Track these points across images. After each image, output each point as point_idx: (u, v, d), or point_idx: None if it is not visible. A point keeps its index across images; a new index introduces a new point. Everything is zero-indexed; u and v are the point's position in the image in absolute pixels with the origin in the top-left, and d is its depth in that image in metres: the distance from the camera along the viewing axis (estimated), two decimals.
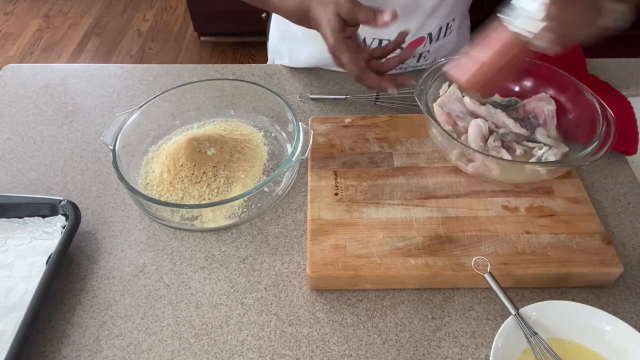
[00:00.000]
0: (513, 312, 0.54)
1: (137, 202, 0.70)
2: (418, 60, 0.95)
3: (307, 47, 0.95)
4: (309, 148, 0.70)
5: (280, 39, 1.01)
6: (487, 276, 0.57)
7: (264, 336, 0.59)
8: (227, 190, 0.72)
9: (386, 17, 0.64)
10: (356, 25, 0.69)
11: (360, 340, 0.59)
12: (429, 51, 0.93)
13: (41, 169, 0.81)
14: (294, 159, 0.68)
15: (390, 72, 0.74)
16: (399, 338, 0.59)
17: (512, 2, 0.54)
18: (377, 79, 0.70)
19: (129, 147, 0.76)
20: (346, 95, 0.90)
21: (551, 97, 0.74)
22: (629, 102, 0.78)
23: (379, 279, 0.61)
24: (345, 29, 0.68)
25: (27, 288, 0.62)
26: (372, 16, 0.65)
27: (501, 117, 0.72)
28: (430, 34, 0.90)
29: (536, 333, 0.53)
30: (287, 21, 0.83)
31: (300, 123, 0.72)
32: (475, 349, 0.58)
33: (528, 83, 0.77)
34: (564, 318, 0.54)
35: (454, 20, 0.93)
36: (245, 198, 0.70)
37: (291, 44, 0.98)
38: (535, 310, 0.54)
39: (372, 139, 0.78)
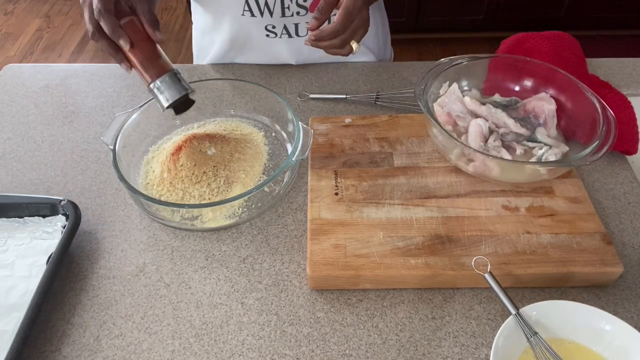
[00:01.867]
0: (513, 311, 0.54)
1: (138, 202, 0.70)
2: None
3: (219, 34, 0.97)
4: (309, 148, 0.70)
5: (202, 33, 1.02)
6: (487, 276, 0.57)
7: (264, 336, 0.59)
8: (228, 190, 0.72)
9: (158, 35, 0.64)
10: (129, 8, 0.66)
11: (361, 340, 0.59)
12: None
13: (41, 168, 0.81)
14: (294, 158, 0.68)
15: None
16: (399, 338, 0.59)
17: None
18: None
19: (129, 147, 0.76)
20: (346, 95, 0.90)
21: (551, 96, 0.74)
22: (629, 102, 0.78)
23: (379, 279, 0.61)
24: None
25: (28, 288, 0.62)
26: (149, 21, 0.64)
27: (501, 116, 0.72)
28: None
29: (536, 333, 0.53)
30: (206, 13, 0.93)
31: (300, 123, 0.72)
32: (476, 348, 0.58)
33: (528, 83, 0.77)
34: (564, 318, 0.54)
35: None
36: (246, 198, 0.70)
37: (212, 35, 0.99)
38: (536, 310, 0.54)
39: (372, 138, 0.78)
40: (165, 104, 0.65)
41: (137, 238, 0.70)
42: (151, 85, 0.65)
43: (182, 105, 0.68)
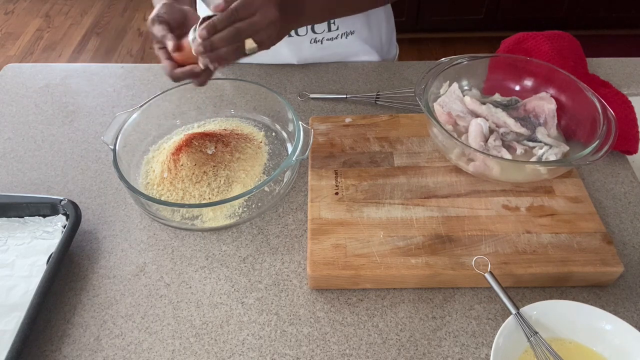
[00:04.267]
0: (513, 311, 0.54)
1: (138, 201, 0.70)
2: (330, 30, 0.96)
3: None
4: (309, 147, 0.70)
5: None
6: (487, 275, 0.57)
7: (264, 335, 0.59)
8: (228, 190, 0.72)
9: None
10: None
11: (361, 339, 0.59)
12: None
13: (42, 168, 0.81)
14: (294, 158, 0.68)
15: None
16: (400, 337, 0.59)
17: None
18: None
19: (130, 147, 0.76)
20: (347, 94, 0.90)
21: (552, 96, 0.74)
22: (629, 102, 0.78)
23: (379, 279, 0.61)
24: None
25: (28, 287, 0.62)
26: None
27: (502, 116, 0.72)
28: None
29: (537, 332, 0.53)
30: (209, 12, 0.93)
31: (300, 122, 0.72)
32: (476, 348, 0.58)
33: (529, 82, 0.77)
34: (564, 317, 0.54)
35: None
36: (246, 197, 0.70)
37: None
38: (536, 310, 0.54)
39: (372, 138, 0.78)
40: None
41: (138, 238, 0.70)
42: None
43: None
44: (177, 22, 0.72)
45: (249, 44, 0.65)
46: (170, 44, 0.68)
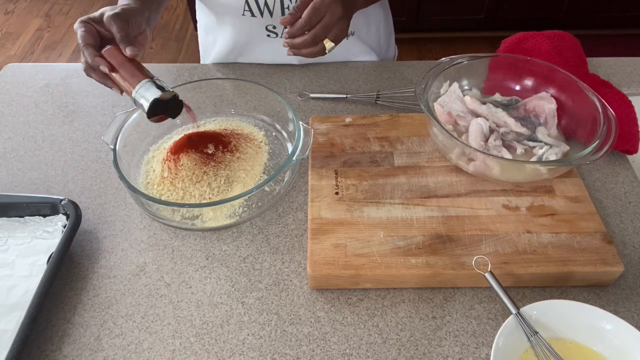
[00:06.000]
0: (514, 311, 0.54)
1: (138, 201, 0.70)
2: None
3: (221, 34, 0.98)
4: (309, 147, 0.70)
5: (206, 32, 1.03)
6: (487, 275, 0.57)
7: (264, 335, 0.59)
8: (228, 190, 0.72)
9: (128, 51, 0.67)
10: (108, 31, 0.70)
11: (361, 339, 0.59)
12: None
13: (42, 168, 0.81)
14: (294, 158, 0.68)
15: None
16: (400, 337, 0.59)
17: None
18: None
19: (130, 147, 0.76)
20: (347, 94, 0.90)
21: (552, 96, 0.74)
22: (629, 101, 0.78)
23: (379, 278, 0.61)
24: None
25: (28, 287, 0.62)
26: (122, 40, 0.68)
27: (502, 116, 0.72)
28: None
29: (537, 332, 0.53)
30: (209, 12, 0.95)
31: (300, 122, 0.72)
32: (476, 348, 0.58)
33: (529, 82, 0.77)
34: (564, 317, 0.54)
35: None
36: (246, 197, 0.70)
37: (215, 35, 1.00)
38: (536, 310, 0.54)
39: (372, 138, 0.78)
40: (146, 106, 0.66)
41: (138, 237, 0.70)
42: (133, 95, 0.66)
43: (169, 107, 0.68)
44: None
45: (328, 44, 0.72)
46: (128, 51, 0.67)
